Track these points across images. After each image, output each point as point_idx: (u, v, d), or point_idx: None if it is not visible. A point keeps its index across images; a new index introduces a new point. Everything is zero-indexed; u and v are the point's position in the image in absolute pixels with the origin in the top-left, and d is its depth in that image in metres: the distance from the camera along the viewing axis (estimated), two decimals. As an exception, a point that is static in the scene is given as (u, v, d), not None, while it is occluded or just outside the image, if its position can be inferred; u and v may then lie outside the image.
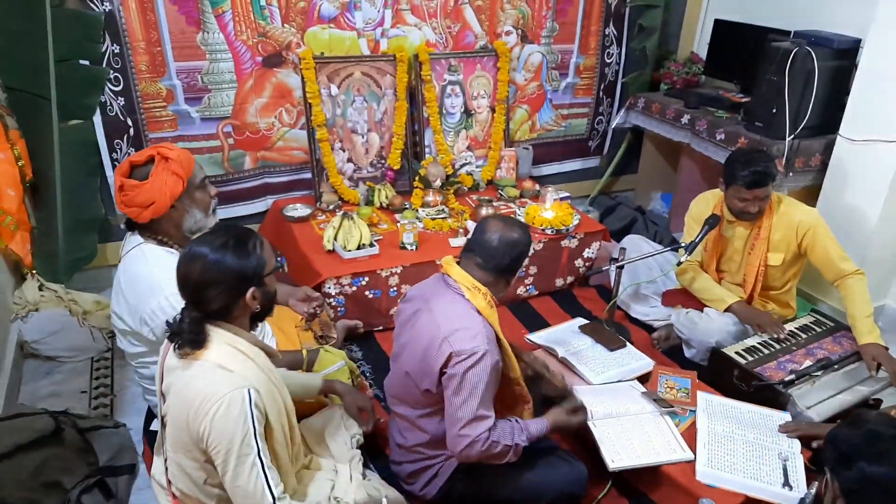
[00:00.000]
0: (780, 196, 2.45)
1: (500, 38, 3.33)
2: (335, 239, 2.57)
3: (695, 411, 2.04)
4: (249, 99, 2.88)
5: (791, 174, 2.81)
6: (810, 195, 2.88)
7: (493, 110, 3.37)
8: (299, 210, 2.89)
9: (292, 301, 2.16)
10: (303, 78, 2.86)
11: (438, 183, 3.04)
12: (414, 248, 2.66)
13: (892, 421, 1.24)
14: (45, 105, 2.45)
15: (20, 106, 2.42)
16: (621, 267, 2.59)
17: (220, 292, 1.33)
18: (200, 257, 1.33)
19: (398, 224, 2.74)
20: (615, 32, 3.60)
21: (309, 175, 3.06)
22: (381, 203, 3.01)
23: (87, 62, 2.53)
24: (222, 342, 1.35)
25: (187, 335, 1.32)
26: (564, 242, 2.94)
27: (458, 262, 1.76)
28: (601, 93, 3.74)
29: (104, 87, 2.58)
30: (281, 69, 2.90)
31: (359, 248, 2.55)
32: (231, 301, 1.35)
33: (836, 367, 2.23)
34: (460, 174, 3.26)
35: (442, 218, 2.93)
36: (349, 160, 3.10)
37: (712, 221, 2.45)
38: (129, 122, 2.68)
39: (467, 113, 3.33)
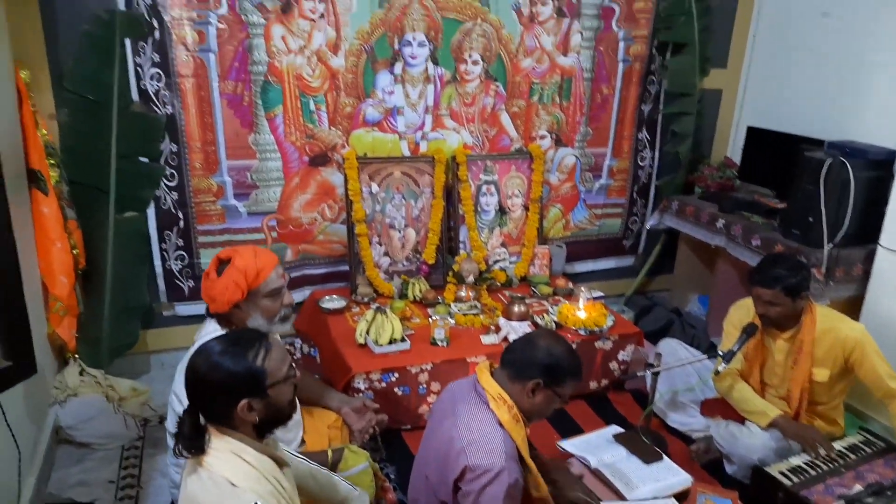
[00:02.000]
0: (824, 309, 2.39)
1: (534, 142, 3.45)
2: (367, 333, 2.59)
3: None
4: (294, 195, 3.02)
5: (832, 283, 2.75)
6: (854, 306, 2.81)
7: (526, 209, 3.44)
8: (335, 302, 2.94)
9: (346, 410, 2.12)
10: (346, 176, 3.00)
11: (471, 278, 3.08)
12: (445, 344, 2.66)
13: None
14: (103, 197, 2.62)
15: (80, 198, 2.58)
16: (657, 373, 2.52)
17: (214, 397, 1.28)
18: (203, 357, 1.29)
19: (430, 319, 2.76)
20: (648, 137, 3.70)
21: (346, 267, 3.14)
22: (414, 297, 3.04)
23: (146, 159, 2.71)
24: (227, 450, 1.29)
25: (185, 438, 1.27)
26: (598, 344, 2.90)
27: (493, 369, 1.74)
28: (635, 194, 3.79)
29: (160, 182, 2.75)
30: (325, 168, 3.05)
31: (390, 342, 2.56)
32: (227, 408, 1.28)
33: (888, 493, 2.09)
34: (494, 270, 3.30)
35: (474, 314, 2.94)
36: (385, 254, 3.18)
37: (750, 330, 2.39)
38: (180, 215, 2.83)
39: (502, 211, 3.40)
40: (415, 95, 3.14)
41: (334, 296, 3.01)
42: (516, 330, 2.78)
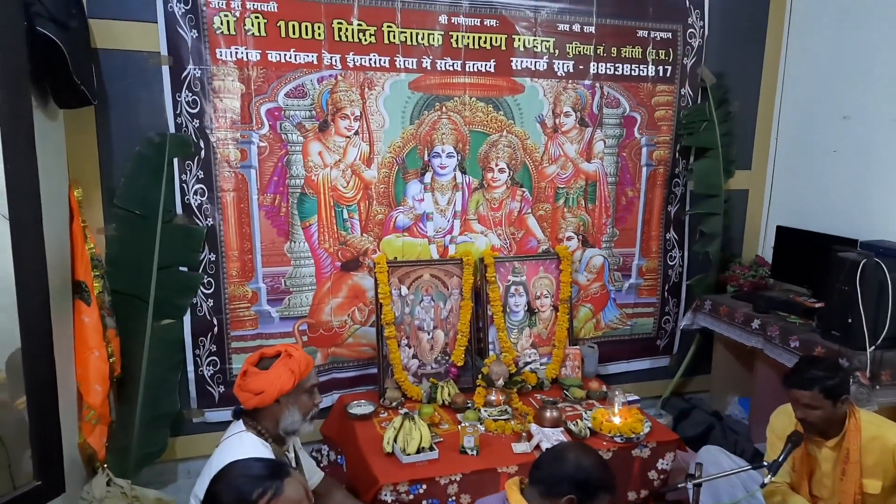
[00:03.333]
0: (868, 414, 2.28)
1: (561, 243, 3.50)
2: (395, 440, 2.54)
3: None
4: (326, 300, 3.09)
5: (878, 388, 2.63)
6: (903, 411, 2.67)
7: (556, 309, 3.44)
8: (362, 407, 2.91)
9: None
10: (376, 280, 3.06)
11: (501, 382, 3.03)
12: (475, 452, 2.58)
13: None
14: (142, 306, 2.72)
15: (121, 307, 2.67)
16: (699, 484, 2.39)
17: None
18: (221, 479, 1.37)
19: (459, 426, 2.70)
20: (676, 237, 3.72)
21: (375, 370, 3.14)
22: (443, 400, 3.00)
23: (185, 268, 2.83)
24: None
25: None
26: (635, 452, 2.78)
27: (524, 487, 1.69)
28: (666, 293, 3.76)
29: (198, 290, 2.85)
30: (357, 272, 3.13)
31: (418, 451, 2.50)
32: None
33: None
34: (524, 372, 3.25)
35: (505, 419, 2.87)
36: (414, 356, 3.17)
37: (795, 439, 2.27)
38: (215, 321, 2.91)
39: (531, 311, 3.40)
40: (444, 202, 3.26)
41: (362, 401, 2.98)
42: (549, 437, 2.69)
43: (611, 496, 1.63)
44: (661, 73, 3.50)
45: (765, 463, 2.30)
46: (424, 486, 2.43)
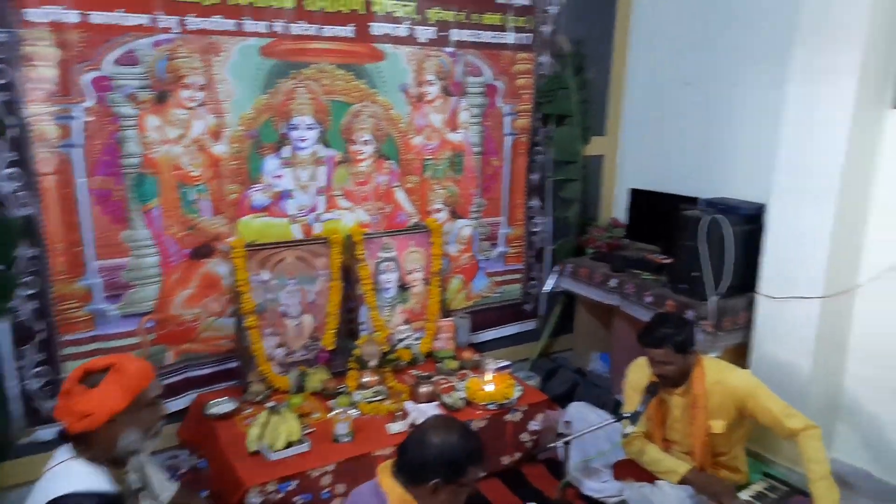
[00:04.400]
0: (711, 361, 2.47)
1: (431, 216, 3.46)
2: (261, 438, 2.39)
3: None
4: (175, 292, 2.81)
5: (720, 333, 2.87)
6: (741, 352, 2.93)
7: (427, 283, 3.41)
8: (223, 405, 2.71)
9: None
10: (233, 266, 2.83)
11: (375, 362, 2.96)
12: (349, 439, 2.50)
13: None
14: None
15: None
16: (568, 442, 2.49)
17: None
18: None
19: (331, 413, 2.60)
20: (539, 204, 3.81)
21: (235, 364, 2.94)
22: (313, 389, 2.87)
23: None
24: None
25: None
26: (508, 417, 2.85)
27: (395, 470, 1.64)
28: (531, 259, 3.87)
29: (14, 292, 2.47)
30: (210, 259, 2.88)
31: (287, 446, 2.38)
32: None
33: (797, 542, 2.13)
34: (398, 349, 3.20)
35: (379, 400, 2.81)
36: (280, 345, 3.00)
37: (653, 389, 2.42)
38: (41, 326, 2.54)
39: (403, 287, 3.34)
40: (305, 178, 3.08)
41: (223, 399, 2.76)
42: (424, 413, 2.66)
43: (480, 466, 1.63)
44: (521, 41, 3.51)
45: (626, 414, 2.43)
46: (296, 482, 2.32)
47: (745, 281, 2.91)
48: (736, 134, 3.27)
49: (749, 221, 2.92)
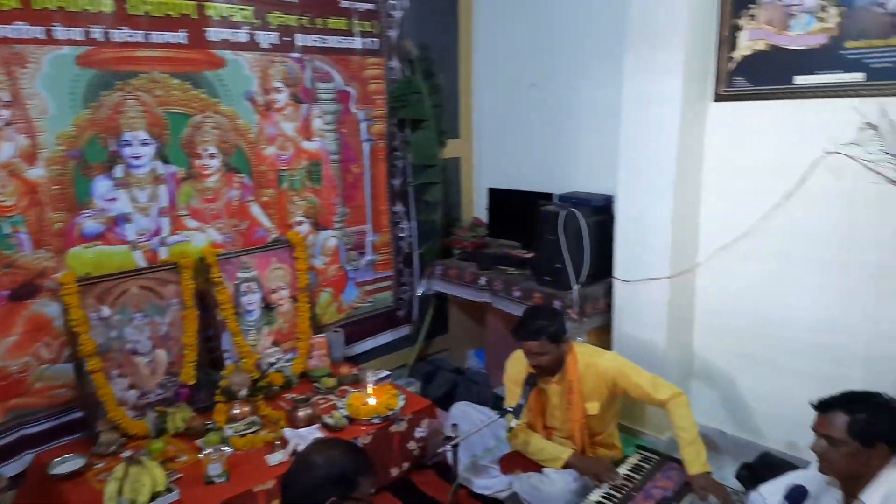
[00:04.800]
0: (581, 347, 2.59)
1: (292, 229, 3.29)
2: (120, 494, 2.11)
3: None
4: (-6, 341, 2.41)
5: (585, 319, 3.02)
6: (604, 334, 3.11)
7: (295, 300, 3.23)
8: (69, 463, 2.35)
9: None
10: (64, 305, 2.48)
11: (245, 392, 2.74)
12: (224, 479, 2.29)
13: None
14: None
15: None
16: (457, 446, 2.47)
17: None
18: None
19: (201, 455, 2.36)
20: (403, 209, 3.78)
21: (79, 414, 2.58)
22: (176, 430, 2.60)
23: None
24: None
25: None
26: (393, 428, 2.78)
27: None
28: (401, 265, 3.83)
29: None
30: (35, 299, 2.50)
31: (152, 498, 2.12)
32: None
33: (673, 503, 2.28)
34: (269, 374, 3.00)
35: (254, 432, 2.61)
36: (131, 386, 2.68)
37: (531, 381, 2.49)
38: None
39: (268, 307, 3.14)
40: (144, 199, 2.78)
41: (68, 455, 2.40)
42: (305, 438, 2.51)
43: (372, 478, 1.56)
44: (368, 46, 3.46)
45: (509, 409, 2.47)
46: (168, 537, 2.08)
47: (602, 268, 3.09)
48: (582, 131, 3.47)
49: (600, 212, 3.11)
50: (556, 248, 3.03)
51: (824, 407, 1.76)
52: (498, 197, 3.83)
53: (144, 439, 2.56)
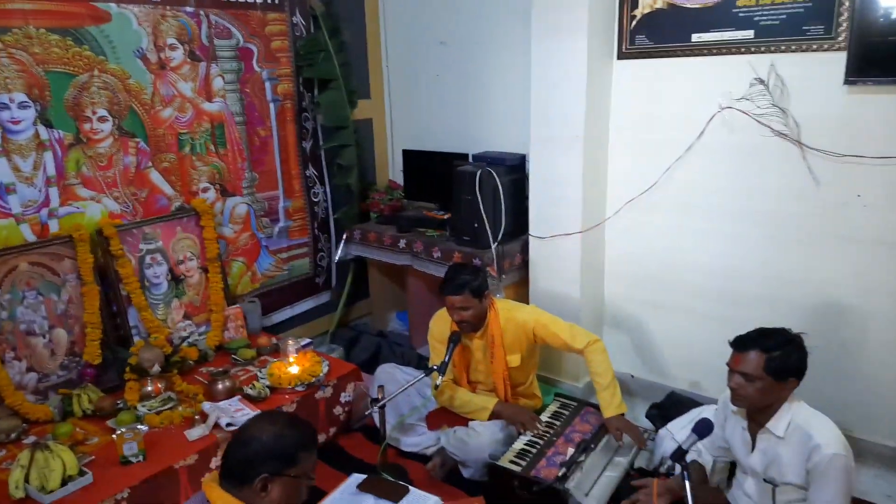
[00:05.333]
0: (501, 302, 2.66)
1: (197, 196, 3.12)
2: (27, 481, 1.97)
3: (494, 542, 1.98)
4: None
5: (504, 276, 3.09)
6: (522, 289, 3.20)
7: (205, 270, 3.09)
8: (-35, 456, 2.17)
9: None
10: (-58, 286, 2.24)
11: (157, 368, 2.61)
12: (140, 458, 2.18)
13: None
14: None
15: None
16: (384, 406, 2.49)
17: None
18: None
19: (114, 434, 2.23)
20: (316, 173, 3.67)
21: (-28, 404, 2.36)
22: (83, 412, 2.44)
23: None
24: None
25: None
26: (319, 394, 2.75)
27: (223, 481, 1.46)
28: (316, 230, 3.73)
29: None
30: None
31: (64, 483, 1.99)
32: None
33: (592, 446, 2.42)
34: (182, 348, 2.86)
35: (170, 408, 2.49)
36: (30, 369, 2.49)
37: (456, 338, 2.53)
38: None
39: (175, 279, 2.98)
40: (28, 167, 2.54)
41: (-37, 448, 2.22)
42: (227, 411, 2.45)
43: (313, 452, 1.52)
44: (269, 1, 3.28)
45: (435, 367, 2.51)
46: (83, 522, 1.96)
47: (518, 226, 3.16)
48: (494, 90, 3.48)
49: (515, 171, 3.16)
50: (474, 208, 3.06)
51: (741, 346, 1.83)
52: (413, 158, 3.80)
53: (49, 424, 2.39)
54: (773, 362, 1.76)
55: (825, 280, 2.55)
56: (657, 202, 2.91)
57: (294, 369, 2.74)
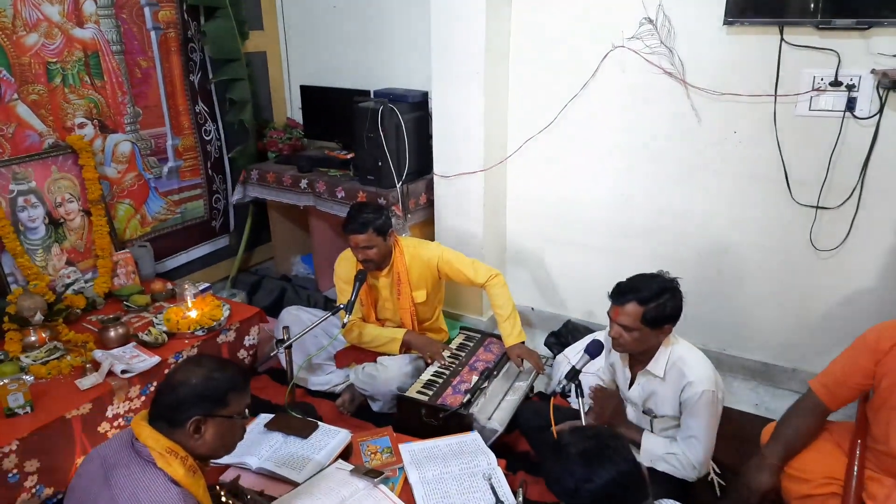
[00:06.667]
0: (406, 240, 2.68)
1: (73, 132, 2.86)
2: None
3: (403, 468, 2.06)
4: None
5: (409, 215, 3.10)
6: (428, 227, 3.24)
7: (88, 213, 2.87)
8: None
9: None
10: None
11: (39, 317, 2.43)
12: (28, 410, 2.05)
13: (583, 434, 1.36)
14: None
15: None
16: (290, 346, 2.47)
17: None
18: None
19: (-4, 387, 2.08)
20: (206, 109, 3.46)
21: None
22: (-43, 366, 2.25)
23: None
24: None
25: None
26: (221, 338, 2.68)
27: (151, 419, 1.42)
28: (210, 171, 3.55)
29: None
30: None
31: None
32: None
33: (495, 373, 2.54)
34: (66, 296, 2.68)
35: (57, 358, 2.35)
36: None
37: (362, 277, 2.53)
38: None
39: (54, 224, 2.76)
40: None
41: None
42: (121, 358, 2.34)
43: (244, 392, 1.51)
44: (145, -85, 2.98)
45: (340, 306, 2.51)
46: (-32, 478, 1.84)
47: (423, 164, 3.16)
48: (395, 24, 3.39)
49: (418, 109, 3.13)
50: (377, 147, 3.01)
51: (618, 298, 1.88)
52: (312, 95, 3.66)
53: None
54: (648, 313, 1.85)
55: (704, 212, 2.76)
56: (555, 140, 3.00)
57: (193, 314, 2.64)
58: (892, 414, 1.76)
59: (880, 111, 2.27)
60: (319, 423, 2.28)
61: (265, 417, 2.31)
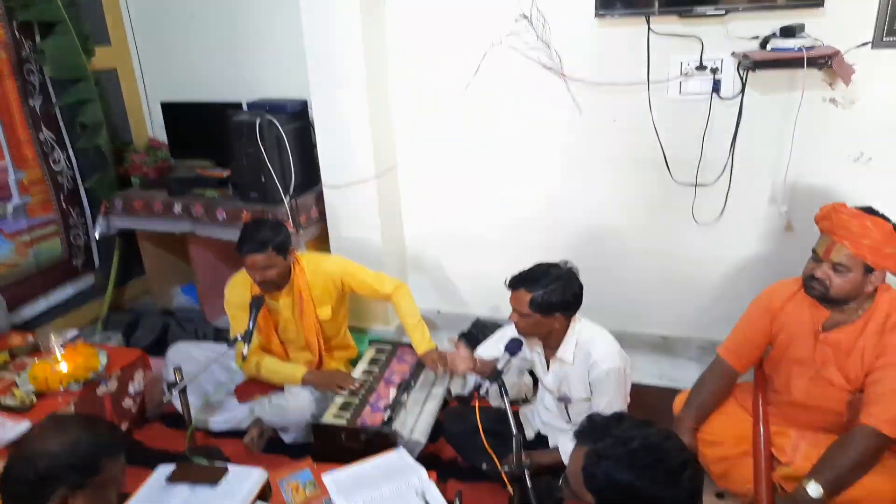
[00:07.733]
0: (305, 255, 2.53)
1: None
2: None
3: (330, 500, 1.93)
4: None
5: (302, 230, 2.94)
6: (323, 241, 3.10)
7: (-86, 267, 2.44)
8: None
9: None
10: None
11: None
12: None
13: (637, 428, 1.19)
14: None
15: None
16: (184, 389, 2.24)
17: None
18: None
19: None
20: (53, 136, 3.08)
21: None
22: None
23: None
24: None
25: None
26: (101, 389, 2.39)
27: None
28: (64, 204, 3.16)
29: None
30: None
31: None
32: None
33: (412, 383, 2.46)
34: None
35: None
36: None
37: (258, 302, 2.35)
38: None
39: None
40: None
41: None
42: (-21, 431, 2.00)
43: (118, 454, 1.31)
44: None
45: (239, 337, 2.31)
46: None
47: (309, 176, 3.01)
48: (262, 30, 3.19)
49: (298, 118, 2.97)
50: (258, 161, 2.83)
51: (513, 285, 1.99)
52: (175, 112, 3.36)
53: None
54: (536, 300, 1.94)
55: (591, 200, 2.85)
56: (443, 141, 2.98)
57: (63, 367, 2.33)
58: (791, 366, 1.90)
59: (742, 91, 2.45)
60: (228, 465, 2.07)
61: (165, 469, 2.07)
